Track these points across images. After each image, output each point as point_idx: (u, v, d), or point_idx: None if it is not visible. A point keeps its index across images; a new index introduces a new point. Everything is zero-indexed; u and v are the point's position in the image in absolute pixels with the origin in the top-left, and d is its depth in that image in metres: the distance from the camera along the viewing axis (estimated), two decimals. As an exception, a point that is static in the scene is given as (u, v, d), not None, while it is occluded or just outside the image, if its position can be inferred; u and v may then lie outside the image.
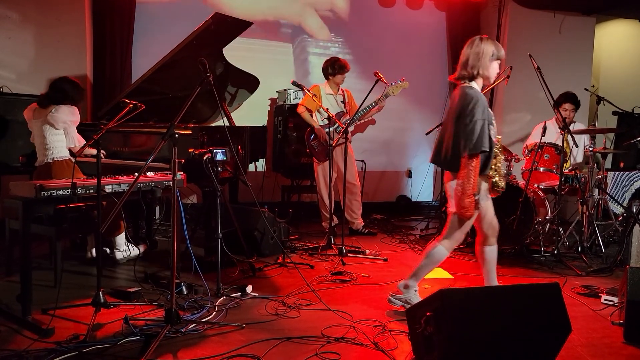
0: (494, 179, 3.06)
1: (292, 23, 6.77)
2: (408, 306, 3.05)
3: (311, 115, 5.25)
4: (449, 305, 2.31)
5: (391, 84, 5.13)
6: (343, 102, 5.35)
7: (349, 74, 5.34)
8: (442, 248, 3.16)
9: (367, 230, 5.46)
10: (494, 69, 3.09)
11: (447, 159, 3.05)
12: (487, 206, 3.14)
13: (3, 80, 5.37)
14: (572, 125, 5.18)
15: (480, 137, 2.88)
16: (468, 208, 2.92)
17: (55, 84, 3.97)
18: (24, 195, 2.98)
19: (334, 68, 5.20)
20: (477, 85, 3.07)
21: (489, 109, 3.02)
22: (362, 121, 5.47)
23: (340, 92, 5.36)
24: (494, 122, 3.06)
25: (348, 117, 5.21)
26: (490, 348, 2.36)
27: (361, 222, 5.46)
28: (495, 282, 3.26)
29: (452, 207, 3.12)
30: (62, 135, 3.92)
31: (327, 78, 5.28)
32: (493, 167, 3.06)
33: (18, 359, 2.47)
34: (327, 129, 4.91)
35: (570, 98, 5.14)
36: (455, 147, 2.98)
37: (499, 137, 3.12)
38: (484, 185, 3.05)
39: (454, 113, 3.02)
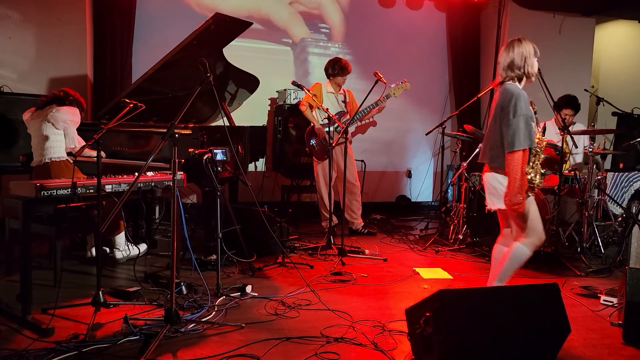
0: (529, 176, 3.03)
1: (292, 23, 6.77)
2: None
3: (312, 113, 5.26)
4: (448, 306, 2.32)
5: (392, 85, 5.15)
6: (344, 101, 5.36)
7: (349, 74, 5.33)
8: (522, 246, 3.09)
9: (366, 231, 5.47)
10: (536, 66, 3.12)
11: (489, 155, 3.07)
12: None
13: (4, 79, 5.37)
14: (571, 126, 5.18)
15: (526, 133, 2.89)
16: (520, 204, 2.91)
17: (57, 92, 4.02)
18: (24, 194, 2.99)
19: (334, 69, 5.21)
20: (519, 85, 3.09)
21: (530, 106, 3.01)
22: (362, 122, 5.48)
23: (341, 91, 5.36)
24: (535, 119, 3.08)
25: (348, 117, 5.21)
26: (489, 348, 2.37)
27: (361, 222, 5.47)
28: (491, 284, 3.26)
29: (493, 205, 3.09)
30: (61, 136, 3.92)
31: (328, 78, 5.29)
32: (531, 164, 3.06)
33: (18, 358, 2.47)
34: (327, 129, 4.91)
35: (570, 103, 5.11)
36: (500, 143, 2.98)
37: (539, 135, 3.11)
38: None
39: (496, 109, 3.04)
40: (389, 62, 6.89)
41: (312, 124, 5.23)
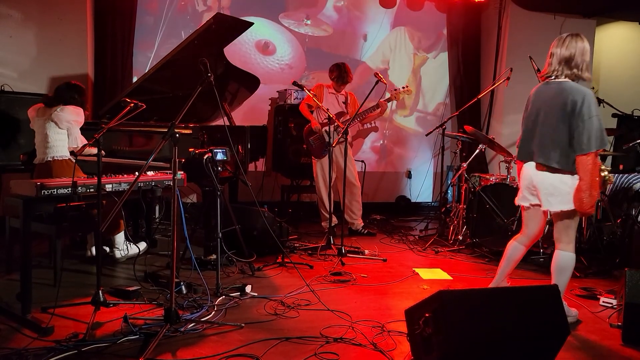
0: (604, 173, 3.07)
1: (293, 22, 6.77)
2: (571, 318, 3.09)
3: (312, 113, 5.27)
4: (447, 307, 2.32)
5: (395, 89, 5.16)
6: (345, 102, 5.36)
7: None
8: (568, 254, 3.07)
9: (366, 231, 5.48)
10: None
11: (550, 155, 2.98)
12: None
13: (4, 78, 5.37)
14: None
15: (600, 134, 2.86)
16: (593, 205, 2.88)
17: (62, 88, 4.00)
18: (25, 193, 2.99)
19: (332, 72, 5.23)
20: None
21: None
22: (364, 126, 5.48)
23: (342, 92, 5.37)
24: None
25: (348, 117, 5.22)
26: (488, 350, 2.37)
27: (361, 222, 5.47)
28: (502, 281, 3.37)
29: (552, 206, 3.03)
30: (64, 135, 3.93)
31: (335, 80, 5.27)
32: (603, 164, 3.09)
33: (18, 357, 2.47)
34: (327, 129, 4.92)
35: None
36: (567, 143, 2.92)
37: None
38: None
39: (562, 107, 2.94)
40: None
41: (310, 123, 5.24)
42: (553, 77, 3.04)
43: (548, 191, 3.03)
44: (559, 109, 2.95)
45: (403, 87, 5.28)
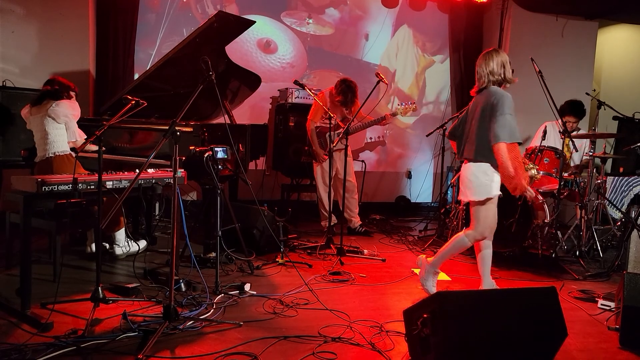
0: (532, 172, 3.49)
1: (295, 21, 6.78)
2: None
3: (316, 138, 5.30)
4: (445, 308, 2.32)
5: (400, 105, 5.12)
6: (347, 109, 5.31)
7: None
8: (465, 237, 3.49)
9: (363, 229, 5.46)
10: (511, 73, 3.51)
11: (476, 150, 3.39)
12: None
13: (6, 74, 5.38)
14: (575, 131, 5.18)
15: (513, 129, 3.25)
16: (521, 187, 3.31)
17: (46, 83, 4.04)
18: (26, 189, 2.99)
19: (339, 94, 5.15)
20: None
21: None
22: (369, 138, 5.46)
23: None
24: None
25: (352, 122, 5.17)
26: (486, 351, 2.37)
27: (358, 220, 5.47)
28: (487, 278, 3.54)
29: (465, 197, 3.46)
30: (63, 130, 3.93)
31: (338, 94, 5.22)
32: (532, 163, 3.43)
33: (17, 352, 2.48)
34: (329, 133, 4.91)
35: (573, 111, 5.09)
36: (488, 139, 3.30)
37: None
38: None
39: (484, 109, 3.38)
40: (391, 63, 6.89)
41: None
42: (483, 88, 3.50)
43: (464, 183, 3.46)
44: (481, 110, 3.40)
45: (409, 103, 5.20)
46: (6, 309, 3.00)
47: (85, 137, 3.86)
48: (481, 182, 3.36)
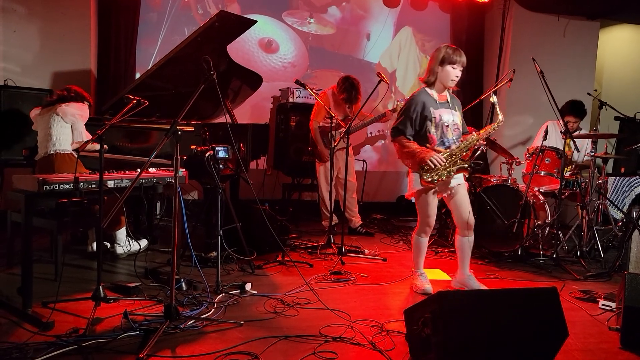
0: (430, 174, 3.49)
1: (296, 21, 6.78)
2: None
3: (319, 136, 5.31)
4: (446, 307, 2.32)
5: (400, 100, 5.13)
6: (349, 107, 5.33)
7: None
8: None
9: (364, 230, 5.46)
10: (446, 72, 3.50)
11: None
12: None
13: (8, 73, 5.39)
14: (577, 131, 5.18)
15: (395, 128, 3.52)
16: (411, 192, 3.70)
17: (62, 89, 4.13)
18: (27, 188, 3.00)
19: (342, 92, 5.16)
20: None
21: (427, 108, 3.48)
22: (370, 133, 5.46)
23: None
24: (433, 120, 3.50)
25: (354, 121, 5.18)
26: (486, 351, 2.37)
27: (359, 220, 5.46)
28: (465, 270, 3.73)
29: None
30: (68, 129, 3.95)
31: (341, 92, 5.23)
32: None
33: (18, 351, 2.48)
34: (331, 132, 4.91)
35: (573, 111, 5.10)
36: None
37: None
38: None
39: None
40: (393, 62, 6.89)
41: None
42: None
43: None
44: None
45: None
46: (7, 307, 3.01)
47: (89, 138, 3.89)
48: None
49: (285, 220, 4.70)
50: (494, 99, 3.64)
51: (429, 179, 3.45)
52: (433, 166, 3.39)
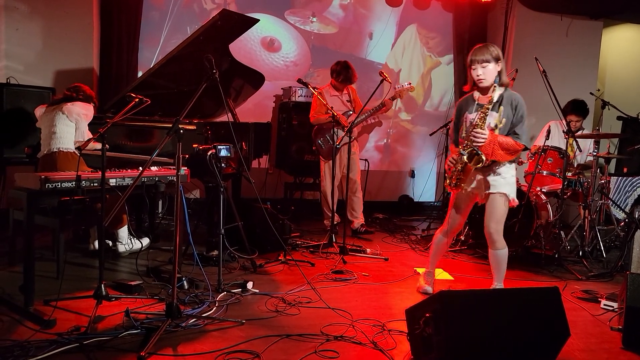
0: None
1: (299, 20, 6.77)
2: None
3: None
4: (448, 307, 2.32)
5: (398, 87, 5.13)
6: (349, 100, 5.36)
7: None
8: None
9: (364, 229, 5.39)
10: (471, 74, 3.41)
11: None
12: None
13: (10, 71, 5.39)
14: (580, 131, 5.16)
15: None
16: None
17: (70, 88, 4.11)
18: (29, 186, 3.00)
19: (339, 74, 5.21)
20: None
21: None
22: (369, 120, 5.47)
23: (345, 91, 5.36)
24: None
25: (354, 116, 5.21)
26: (488, 351, 2.37)
27: (361, 220, 5.43)
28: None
29: None
30: (72, 128, 3.96)
31: (332, 77, 5.28)
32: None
33: (20, 349, 2.49)
34: (333, 130, 4.91)
35: (575, 109, 5.08)
36: None
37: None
38: None
39: None
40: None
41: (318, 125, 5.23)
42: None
43: None
44: None
45: (406, 85, 5.19)
46: (9, 305, 3.02)
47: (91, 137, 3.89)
48: None
49: (287, 219, 4.70)
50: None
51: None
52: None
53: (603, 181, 5.10)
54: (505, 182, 3.33)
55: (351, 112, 5.29)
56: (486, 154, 3.20)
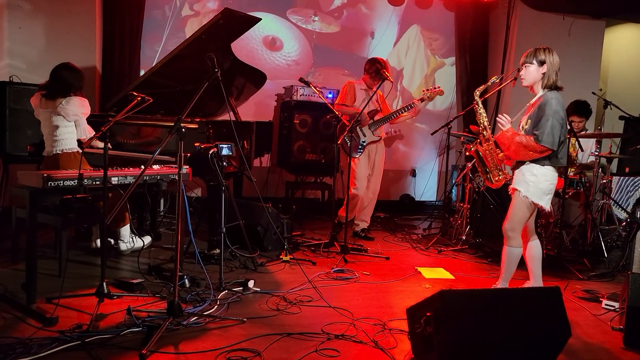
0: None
1: (301, 19, 6.77)
2: None
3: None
4: (448, 306, 2.33)
5: (427, 89, 4.94)
6: (377, 100, 5.20)
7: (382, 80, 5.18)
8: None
9: (364, 234, 5.28)
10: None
11: None
12: None
13: (13, 69, 5.40)
14: (582, 131, 5.16)
15: None
16: None
17: (55, 73, 3.97)
18: (32, 184, 3.01)
19: (371, 69, 5.01)
20: None
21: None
22: (392, 130, 5.36)
23: (375, 90, 5.21)
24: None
25: (381, 114, 5.08)
26: (488, 350, 2.37)
27: (364, 225, 5.32)
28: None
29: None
30: (72, 127, 3.95)
31: (364, 72, 5.12)
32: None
33: (22, 346, 2.49)
34: (360, 127, 4.83)
35: (577, 110, 5.07)
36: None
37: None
38: None
39: None
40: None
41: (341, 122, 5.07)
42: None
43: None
44: None
45: (435, 87, 4.98)
46: (12, 303, 3.02)
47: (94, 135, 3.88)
48: None
49: (288, 218, 4.70)
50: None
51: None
52: None
53: (605, 181, 5.09)
54: (523, 179, 3.32)
55: (378, 111, 5.13)
56: (505, 149, 3.38)
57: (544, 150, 3.21)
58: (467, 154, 3.70)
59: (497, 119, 3.35)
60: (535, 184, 3.28)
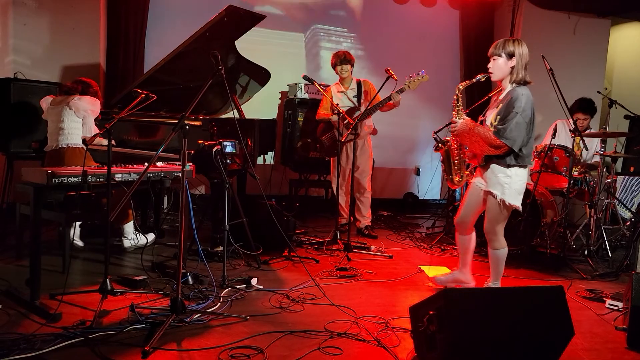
0: None
1: (304, 17, 6.76)
2: None
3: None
4: (452, 305, 2.32)
5: (410, 76, 4.90)
6: (356, 96, 5.26)
7: (359, 70, 5.29)
8: None
9: (367, 232, 5.30)
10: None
11: None
12: None
13: (18, 66, 5.42)
14: (587, 130, 5.14)
15: None
16: None
17: (76, 81, 4.14)
18: (36, 181, 3.02)
19: (334, 63, 5.15)
20: None
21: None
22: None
23: (352, 86, 5.28)
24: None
25: (359, 112, 5.15)
26: (492, 349, 2.37)
27: (367, 221, 5.35)
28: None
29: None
30: (79, 123, 3.98)
31: (333, 69, 5.20)
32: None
33: (26, 342, 2.50)
34: (338, 127, 4.88)
35: (582, 108, 5.06)
36: None
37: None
38: None
39: None
40: (401, 59, 6.86)
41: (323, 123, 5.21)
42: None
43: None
44: None
45: (418, 73, 4.87)
46: (16, 299, 3.04)
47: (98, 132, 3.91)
48: None
49: (291, 216, 4.70)
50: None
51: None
52: None
53: (609, 180, 5.07)
54: (497, 181, 3.26)
55: (358, 111, 5.21)
56: (468, 143, 3.36)
57: (501, 146, 3.13)
58: (435, 151, 3.76)
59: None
60: (510, 185, 3.23)
